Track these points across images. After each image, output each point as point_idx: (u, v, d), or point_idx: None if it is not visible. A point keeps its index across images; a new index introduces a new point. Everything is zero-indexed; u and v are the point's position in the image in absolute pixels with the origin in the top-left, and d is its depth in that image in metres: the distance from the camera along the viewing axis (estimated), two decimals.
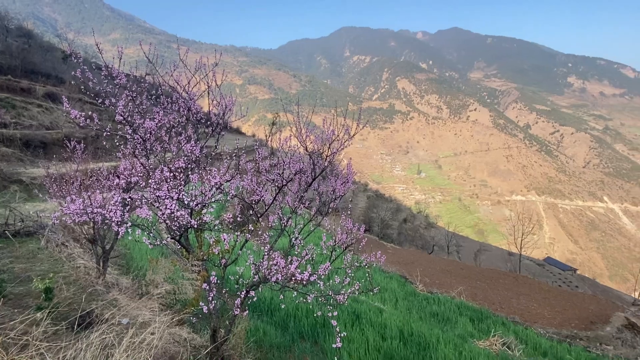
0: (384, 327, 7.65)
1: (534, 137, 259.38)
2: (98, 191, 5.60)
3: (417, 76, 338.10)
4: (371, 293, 5.05)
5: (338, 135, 4.36)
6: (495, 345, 8.33)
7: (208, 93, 4.52)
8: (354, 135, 4.39)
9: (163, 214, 3.59)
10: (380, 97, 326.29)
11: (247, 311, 4.18)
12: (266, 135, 5.02)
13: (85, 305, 4.58)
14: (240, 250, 4.12)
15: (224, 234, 3.54)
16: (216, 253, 3.71)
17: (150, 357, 3.17)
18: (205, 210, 3.77)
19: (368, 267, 4.55)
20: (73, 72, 4.70)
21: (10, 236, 8.02)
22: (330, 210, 4.74)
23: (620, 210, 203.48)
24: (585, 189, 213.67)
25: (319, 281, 3.55)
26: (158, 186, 3.59)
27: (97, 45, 5.01)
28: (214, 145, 4.64)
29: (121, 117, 4.35)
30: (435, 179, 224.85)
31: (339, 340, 3.46)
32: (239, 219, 3.98)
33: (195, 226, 3.67)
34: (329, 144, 4.36)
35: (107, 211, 4.47)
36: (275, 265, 3.48)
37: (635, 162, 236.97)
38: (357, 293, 3.77)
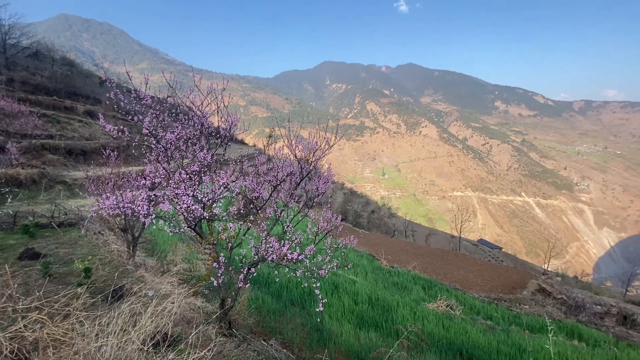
0: (356, 294, 7.66)
1: (470, 147, 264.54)
2: (128, 190, 5.43)
3: (382, 100, 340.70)
4: (346, 268, 5.04)
5: (320, 146, 4.35)
6: (441, 306, 8.42)
7: (217, 112, 4.44)
8: (332, 145, 4.38)
9: (181, 207, 3.51)
10: (354, 116, 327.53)
11: (248, 284, 4.12)
12: (264, 146, 4.97)
13: (118, 281, 4.42)
14: (244, 236, 4.06)
15: (230, 223, 3.48)
16: (224, 238, 3.65)
17: (170, 322, 3.08)
18: (215, 204, 3.69)
19: (344, 248, 4.54)
20: (108, 94, 4.58)
21: (56, 226, 7.71)
22: (314, 204, 4.72)
23: (534, 202, 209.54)
24: (508, 186, 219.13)
25: (305, 259, 3.53)
26: (177, 186, 3.50)
27: (127, 73, 4.89)
28: (222, 153, 4.56)
29: (147, 131, 4.24)
30: (396, 180, 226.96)
31: (321, 305, 3.44)
32: (242, 211, 3.92)
33: (207, 217, 3.59)
34: (313, 152, 4.34)
35: (136, 206, 4.34)
36: (271, 247, 3.44)
37: (545, 167, 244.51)
38: (335, 268, 3.76)
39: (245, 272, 3.80)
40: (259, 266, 3.75)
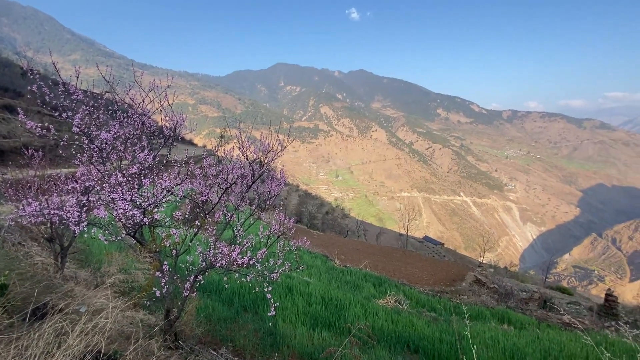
0: (310, 295, 7.66)
1: (415, 151, 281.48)
2: (55, 194, 4.81)
3: (335, 104, 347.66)
4: (298, 270, 5.01)
5: (273, 147, 4.27)
6: (390, 302, 8.76)
7: (161, 110, 4.13)
8: (285, 147, 4.33)
9: (118, 213, 3.19)
10: (308, 118, 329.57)
11: (196, 292, 3.89)
12: (215, 147, 4.75)
13: (41, 297, 3.88)
14: (191, 242, 3.82)
15: (173, 229, 3.25)
16: (168, 245, 3.39)
17: (103, 339, 2.77)
18: (157, 209, 3.42)
19: (297, 250, 4.50)
20: (29, 87, 4.03)
21: None
22: (267, 206, 4.62)
23: (471, 201, 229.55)
24: (449, 187, 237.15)
25: (257, 264, 3.42)
26: (113, 189, 3.18)
27: (54, 63, 4.35)
28: (167, 154, 4.25)
29: (77, 129, 3.80)
30: (349, 181, 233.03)
31: (273, 309, 3.36)
32: (186, 215, 3.69)
33: (147, 223, 3.31)
34: (266, 154, 4.25)
35: (64, 212, 3.87)
36: (220, 253, 3.28)
37: (479, 169, 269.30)
38: (287, 271, 3.70)
39: (192, 280, 3.58)
40: (207, 273, 3.55)
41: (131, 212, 3.18)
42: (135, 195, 3.26)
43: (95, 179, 3.81)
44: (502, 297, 14.64)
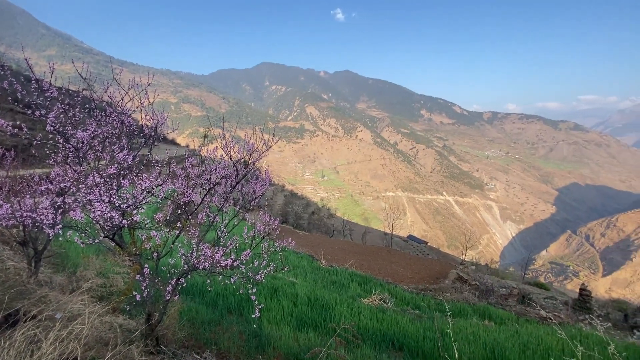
0: (296, 296, 7.63)
1: (400, 151, 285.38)
2: (28, 196, 4.60)
3: (321, 104, 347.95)
4: (284, 271, 4.98)
5: (258, 147, 4.23)
6: (375, 301, 8.84)
7: (141, 109, 4.01)
8: (270, 146, 4.30)
9: (95, 215, 3.08)
10: (294, 118, 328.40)
11: (178, 295, 3.80)
12: (198, 146, 4.65)
13: (13, 304, 3.70)
14: (172, 244, 3.74)
15: (154, 231, 3.16)
16: (148, 248, 3.30)
17: (79, 346, 2.66)
18: (137, 211, 3.32)
19: (282, 251, 4.47)
20: (0, 84, 3.83)
21: None
22: (252, 207, 4.57)
23: (453, 201, 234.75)
24: (432, 187, 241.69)
25: (241, 265, 3.37)
26: (90, 190, 3.06)
27: (26, 59, 4.17)
28: (147, 154, 4.13)
29: (52, 128, 3.65)
30: (335, 181, 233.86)
31: (257, 311, 3.32)
32: (168, 217, 3.60)
33: (127, 225, 3.21)
34: (250, 154, 4.21)
35: (38, 214, 3.70)
36: (203, 254, 3.21)
37: (462, 169, 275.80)
38: (272, 272, 3.67)
39: (174, 283, 3.49)
40: (189, 276, 3.47)
41: (109, 214, 3.08)
42: (114, 196, 3.16)
43: (71, 180, 3.66)
44: (483, 294, 15.03)
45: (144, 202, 3.28)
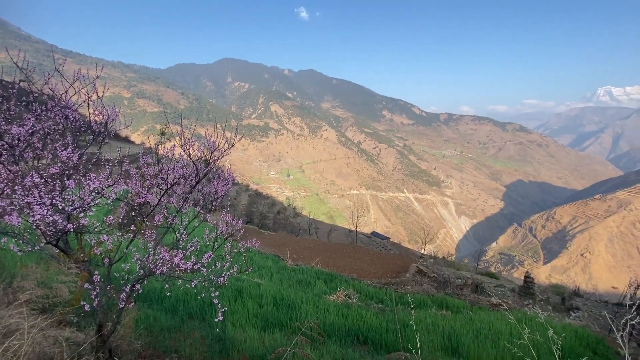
0: (261, 297, 7.51)
1: (363, 150, 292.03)
2: None
3: (285, 103, 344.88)
4: (248, 272, 4.86)
5: (219, 145, 4.08)
6: (341, 297, 8.96)
7: (88, 103, 3.69)
8: (233, 145, 4.17)
9: (35, 220, 2.78)
10: (258, 116, 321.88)
11: (133, 303, 3.56)
12: (155, 144, 4.38)
13: None
14: (127, 248, 3.49)
15: (104, 235, 2.92)
16: (99, 254, 3.05)
17: None
18: (84, 214, 3.05)
19: (246, 252, 4.36)
20: None
21: None
22: (213, 207, 4.40)
23: (413, 198, 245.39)
24: (393, 185, 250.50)
25: (202, 268, 3.24)
26: (27, 192, 2.75)
27: None
28: (97, 152, 3.81)
29: None
30: (300, 180, 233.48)
31: (220, 315, 3.21)
32: (120, 220, 3.35)
33: (73, 230, 2.94)
34: (211, 152, 4.05)
35: None
36: (161, 258, 3.03)
37: (421, 167, 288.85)
38: (236, 274, 3.56)
39: (128, 290, 3.27)
40: (146, 281, 3.26)
41: (52, 218, 2.79)
42: (57, 198, 2.87)
43: (5, 181, 3.27)
44: (441, 285, 15.88)
45: (92, 204, 3.02)
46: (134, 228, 3.15)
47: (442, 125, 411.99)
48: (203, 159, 4.05)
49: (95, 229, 3.19)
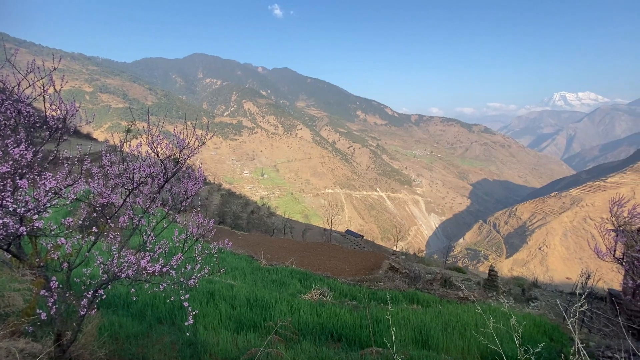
0: (234, 299, 7.37)
1: (338, 150, 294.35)
2: None
3: (259, 100, 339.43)
4: (220, 273, 4.76)
5: (190, 143, 3.95)
6: (315, 295, 8.99)
7: (44, 97, 3.43)
8: (204, 143, 4.05)
9: None
10: (231, 114, 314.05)
11: (96, 309, 3.36)
12: (120, 142, 4.15)
13: None
14: (88, 252, 3.28)
15: (62, 238, 2.74)
16: (56, 258, 2.85)
17: None
18: (39, 216, 2.83)
19: (217, 253, 4.26)
20: None
21: None
22: (183, 208, 4.25)
23: (386, 196, 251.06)
24: (367, 184, 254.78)
25: (171, 271, 3.12)
26: None
27: None
28: (54, 150, 3.55)
29: None
30: (275, 179, 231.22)
31: (190, 318, 3.11)
32: (80, 222, 3.16)
33: (26, 233, 2.72)
34: (181, 150, 3.91)
35: None
36: (126, 262, 2.89)
37: (393, 167, 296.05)
38: (207, 275, 3.47)
39: (90, 296, 3.08)
40: (109, 286, 3.09)
41: (2, 221, 2.57)
42: (8, 199, 2.65)
43: None
44: (412, 280, 16.40)
45: (48, 205, 2.81)
46: (96, 230, 2.97)
47: (413, 126, 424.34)
48: (172, 157, 3.91)
49: (52, 232, 2.97)
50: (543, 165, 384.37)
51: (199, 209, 4.20)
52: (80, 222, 3.18)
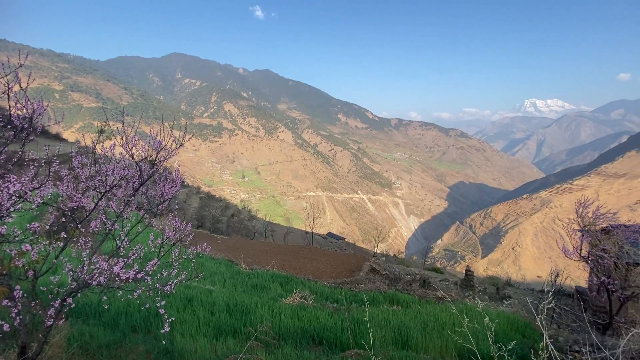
0: (213, 304, 7.19)
1: (319, 152, 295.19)
2: None
3: (240, 102, 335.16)
4: (198, 278, 4.64)
5: (167, 144, 3.84)
6: (296, 299, 8.93)
7: (8, 95, 3.23)
8: (182, 144, 3.95)
9: None
10: (210, 115, 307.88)
11: (65, 319, 3.19)
12: (92, 143, 3.97)
13: None
14: (56, 258, 3.12)
15: (27, 245, 2.58)
16: (21, 266, 2.68)
17: None
18: (1, 221, 2.66)
19: (195, 258, 4.15)
20: None
21: None
22: (159, 211, 4.12)
23: (367, 199, 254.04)
24: (348, 186, 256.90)
25: (146, 277, 3.01)
26: None
27: None
28: (19, 151, 3.35)
29: None
30: (256, 182, 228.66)
31: (167, 325, 3.01)
32: (48, 227, 2.99)
33: None
34: (157, 152, 3.80)
35: None
36: (98, 268, 2.76)
37: (373, 170, 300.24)
38: (184, 281, 3.38)
39: (58, 305, 2.92)
40: (79, 294, 2.94)
41: None
42: None
43: None
44: (392, 282, 16.63)
45: (12, 209, 2.65)
46: (65, 236, 2.83)
47: (393, 130, 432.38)
48: (148, 159, 3.79)
49: (17, 238, 2.80)
50: (515, 169, 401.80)
51: (176, 212, 4.08)
52: (48, 227, 3.01)
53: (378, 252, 44.65)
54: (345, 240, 65.94)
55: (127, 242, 3.32)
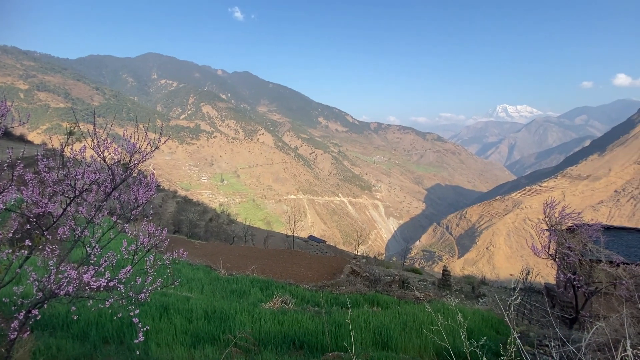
0: (190, 311, 7.00)
1: (300, 155, 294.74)
2: None
3: (219, 104, 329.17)
4: (174, 285, 4.51)
5: (141, 147, 3.72)
6: (277, 304, 8.84)
7: None
8: (157, 147, 3.84)
9: None
10: (187, 117, 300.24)
11: (29, 332, 3.00)
12: (61, 145, 3.78)
13: None
14: (20, 268, 2.94)
15: None
16: None
17: None
18: None
19: (170, 264, 4.03)
20: None
21: None
22: (134, 217, 3.97)
23: (347, 201, 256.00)
24: (329, 189, 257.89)
25: (119, 285, 2.89)
26: None
27: None
28: None
29: None
30: (235, 186, 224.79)
31: (141, 335, 2.90)
32: (10, 235, 2.82)
33: None
34: (131, 155, 3.67)
35: None
36: (66, 277, 2.62)
37: (354, 172, 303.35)
38: (160, 288, 3.27)
39: (22, 317, 2.75)
40: (45, 305, 2.78)
41: None
42: None
43: None
44: (373, 283, 16.81)
45: None
46: (30, 243, 2.67)
47: (372, 134, 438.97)
48: (121, 162, 3.65)
49: None
50: (489, 171, 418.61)
51: (151, 217, 3.95)
52: (11, 234, 2.83)
53: (358, 254, 45.02)
54: (327, 243, 66.03)
55: (99, 249, 3.17)
